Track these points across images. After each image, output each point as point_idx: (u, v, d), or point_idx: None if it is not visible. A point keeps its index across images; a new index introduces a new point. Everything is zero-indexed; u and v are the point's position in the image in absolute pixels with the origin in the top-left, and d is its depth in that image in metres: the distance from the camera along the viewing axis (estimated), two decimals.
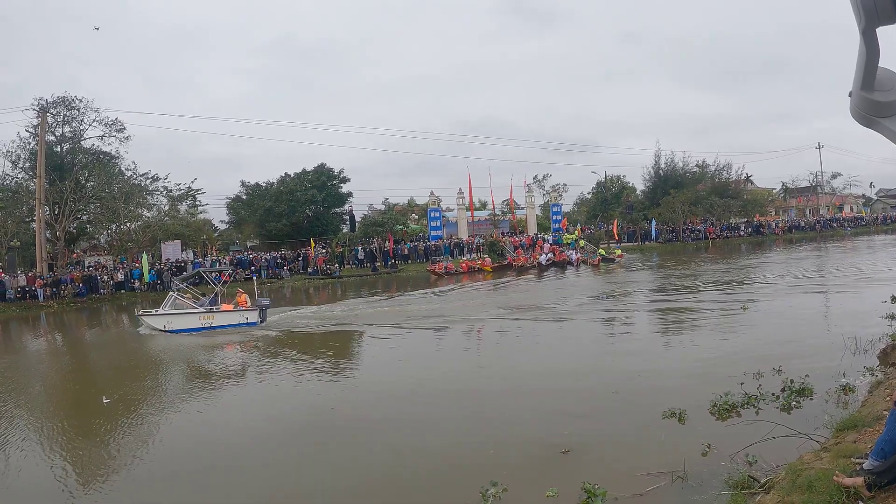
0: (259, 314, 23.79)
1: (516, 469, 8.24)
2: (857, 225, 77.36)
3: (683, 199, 65.40)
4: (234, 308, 24.06)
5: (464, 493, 7.40)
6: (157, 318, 23.50)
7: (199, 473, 9.35)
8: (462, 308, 25.53)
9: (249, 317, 23.65)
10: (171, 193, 58.71)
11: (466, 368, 15.04)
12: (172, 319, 23.21)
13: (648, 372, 12.72)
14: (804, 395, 10.00)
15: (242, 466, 9.31)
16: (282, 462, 9.37)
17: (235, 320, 23.52)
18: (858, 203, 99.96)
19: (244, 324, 23.41)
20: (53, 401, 14.93)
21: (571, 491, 7.13)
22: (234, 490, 8.52)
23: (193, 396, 13.96)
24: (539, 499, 7.19)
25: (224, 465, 9.51)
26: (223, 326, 23.21)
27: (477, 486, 7.35)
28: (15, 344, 25.69)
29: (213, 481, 8.97)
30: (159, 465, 9.62)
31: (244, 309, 23.94)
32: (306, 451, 9.88)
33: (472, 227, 61.08)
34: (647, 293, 27.25)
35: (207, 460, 9.82)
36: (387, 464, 9.08)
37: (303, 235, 57.58)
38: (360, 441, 10.03)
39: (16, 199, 48.60)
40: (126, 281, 43.50)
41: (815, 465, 6.56)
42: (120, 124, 51.88)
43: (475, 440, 9.62)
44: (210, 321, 23.22)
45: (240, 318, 23.60)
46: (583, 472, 7.56)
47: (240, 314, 23.72)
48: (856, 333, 13.45)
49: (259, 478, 8.80)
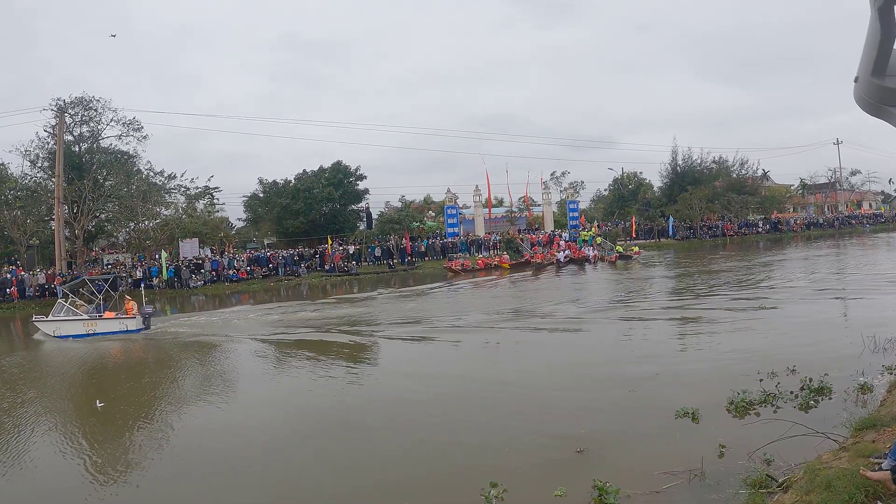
0: (143, 322, 24.66)
1: (530, 468, 8.23)
2: (875, 222, 76.51)
3: (701, 195, 65.03)
4: (115, 316, 24.98)
5: (476, 492, 7.38)
6: (48, 324, 24.89)
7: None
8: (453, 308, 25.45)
9: (129, 324, 24.47)
10: (189, 192, 58.98)
11: (481, 367, 15.03)
12: (60, 326, 24.54)
13: (665, 372, 12.65)
14: (823, 393, 9.94)
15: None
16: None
17: (116, 328, 24.43)
18: (877, 200, 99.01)
19: (124, 331, 24.28)
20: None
21: (583, 490, 7.13)
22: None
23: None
24: (547, 498, 7.19)
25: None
26: (105, 333, 24.20)
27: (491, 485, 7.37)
28: (27, 341, 25.89)
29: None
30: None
31: (124, 317, 24.79)
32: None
33: (489, 223, 60.99)
34: (665, 292, 27.15)
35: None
36: (400, 462, 9.10)
37: (320, 233, 57.67)
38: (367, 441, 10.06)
39: (35, 198, 49.15)
40: (144, 278, 43.76)
41: (834, 464, 6.52)
42: (137, 123, 52.37)
43: (490, 440, 9.56)
44: (94, 328, 24.37)
45: (120, 325, 24.50)
46: (598, 471, 7.53)
47: (119, 322, 24.62)
48: (874, 332, 13.32)
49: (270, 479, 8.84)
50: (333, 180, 61.90)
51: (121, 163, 51.91)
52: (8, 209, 47.27)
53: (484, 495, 7.20)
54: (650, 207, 71.96)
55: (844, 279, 26.65)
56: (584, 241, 52.76)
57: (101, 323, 24.50)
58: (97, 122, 51.88)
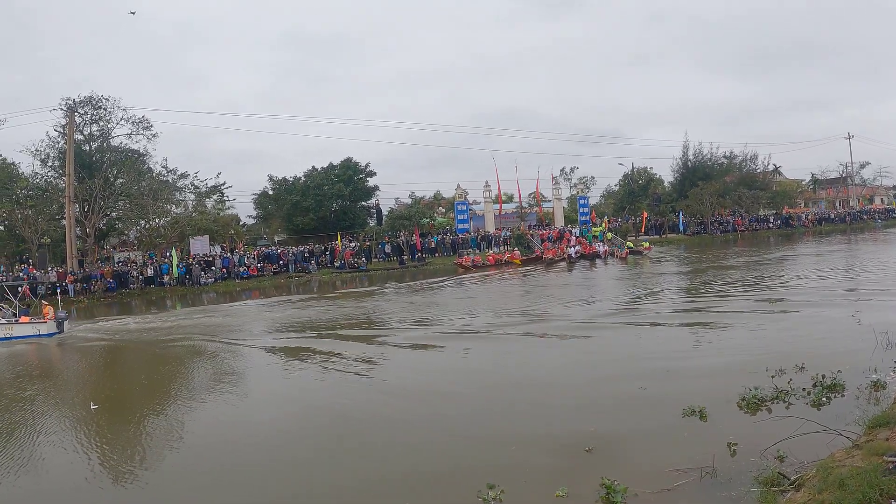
0: (57, 326, 25.26)
1: (536, 468, 8.17)
2: (888, 217, 75.96)
3: (711, 190, 64.74)
4: (30, 321, 25.63)
5: (474, 494, 7.33)
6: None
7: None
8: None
9: (41, 328, 25.06)
10: (199, 189, 59.22)
11: (486, 367, 14.97)
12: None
13: (676, 368, 12.56)
14: (835, 390, 9.88)
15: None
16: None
17: (30, 332, 24.97)
18: (889, 195, 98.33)
19: (37, 335, 24.81)
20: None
21: (591, 489, 7.10)
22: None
23: None
24: (549, 499, 7.16)
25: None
26: (20, 337, 24.67)
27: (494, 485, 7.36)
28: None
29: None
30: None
31: (38, 321, 25.43)
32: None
33: (499, 219, 60.93)
34: (677, 289, 27.05)
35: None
36: (400, 460, 9.04)
37: (330, 229, 57.85)
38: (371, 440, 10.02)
39: (46, 197, 49.54)
40: (155, 276, 43.98)
41: (847, 462, 6.48)
42: (147, 122, 52.59)
43: (498, 438, 9.44)
44: (10, 332, 24.80)
45: (33, 329, 25.08)
46: (608, 470, 7.50)
47: (33, 326, 25.25)
48: (887, 329, 13.21)
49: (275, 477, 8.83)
50: (343, 177, 62.10)
51: (131, 161, 52.18)
52: (20, 208, 47.67)
53: (482, 497, 7.15)
54: (660, 203, 71.66)
55: (856, 277, 26.45)
56: (594, 236, 52.69)
57: (16, 327, 25.09)
58: (107, 120, 52.20)
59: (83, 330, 26.45)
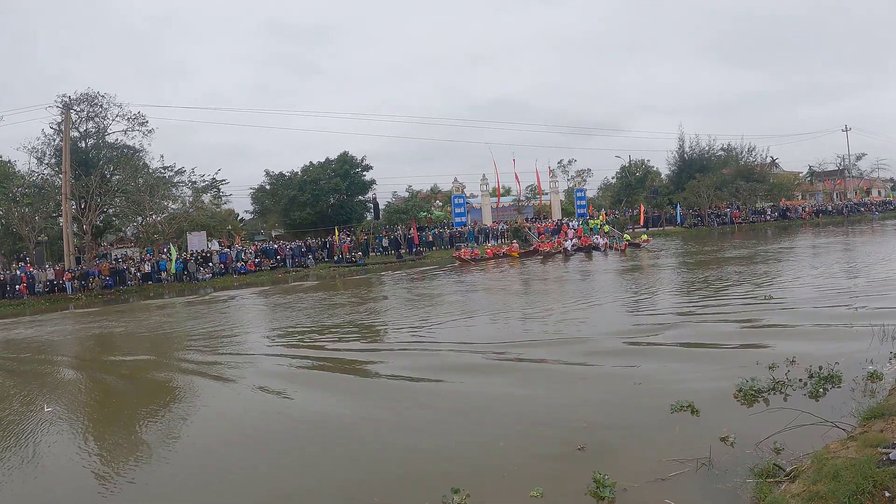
0: None
1: (528, 466, 8.05)
2: (885, 209, 75.96)
3: (709, 183, 64.85)
4: None
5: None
6: None
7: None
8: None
9: None
10: (195, 185, 59.27)
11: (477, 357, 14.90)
12: None
13: (672, 364, 12.51)
14: (832, 381, 9.89)
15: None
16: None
17: None
18: (887, 187, 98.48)
19: None
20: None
21: (580, 487, 7.09)
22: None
23: None
24: (524, 499, 7.12)
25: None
26: None
27: (489, 485, 7.35)
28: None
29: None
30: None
31: None
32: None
33: (497, 212, 60.97)
34: (674, 281, 27.08)
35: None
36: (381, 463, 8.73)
37: (327, 224, 57.97)
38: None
39: (42, 194, 49.59)
40: (153, 272, 44.00)
41: (842, 454, 6.50)
42: (143, 118, 52.85)
43: (488, 438, 9.16)
44: None
45: None
46: (600, 465, 7.48)
47: None
48: (883, 320, 13.23)
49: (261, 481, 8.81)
50: (340, 171, 62.23)
51: (127, 157, 52.20)
52: (16, 206, 47.66)
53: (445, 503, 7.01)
54: (658, 195, 71.77)
55: (852, 266, 26.47)
56: (591, 229, 52.74)
57: None
58: (102, 117, 52.32)
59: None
